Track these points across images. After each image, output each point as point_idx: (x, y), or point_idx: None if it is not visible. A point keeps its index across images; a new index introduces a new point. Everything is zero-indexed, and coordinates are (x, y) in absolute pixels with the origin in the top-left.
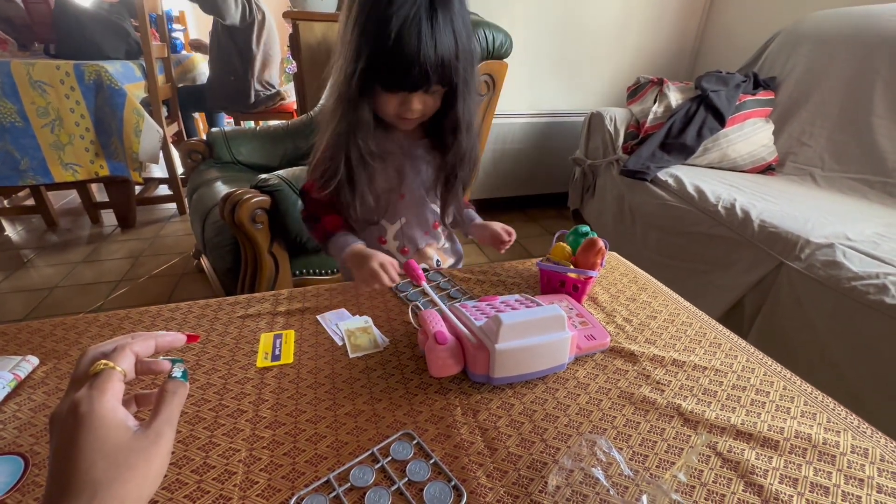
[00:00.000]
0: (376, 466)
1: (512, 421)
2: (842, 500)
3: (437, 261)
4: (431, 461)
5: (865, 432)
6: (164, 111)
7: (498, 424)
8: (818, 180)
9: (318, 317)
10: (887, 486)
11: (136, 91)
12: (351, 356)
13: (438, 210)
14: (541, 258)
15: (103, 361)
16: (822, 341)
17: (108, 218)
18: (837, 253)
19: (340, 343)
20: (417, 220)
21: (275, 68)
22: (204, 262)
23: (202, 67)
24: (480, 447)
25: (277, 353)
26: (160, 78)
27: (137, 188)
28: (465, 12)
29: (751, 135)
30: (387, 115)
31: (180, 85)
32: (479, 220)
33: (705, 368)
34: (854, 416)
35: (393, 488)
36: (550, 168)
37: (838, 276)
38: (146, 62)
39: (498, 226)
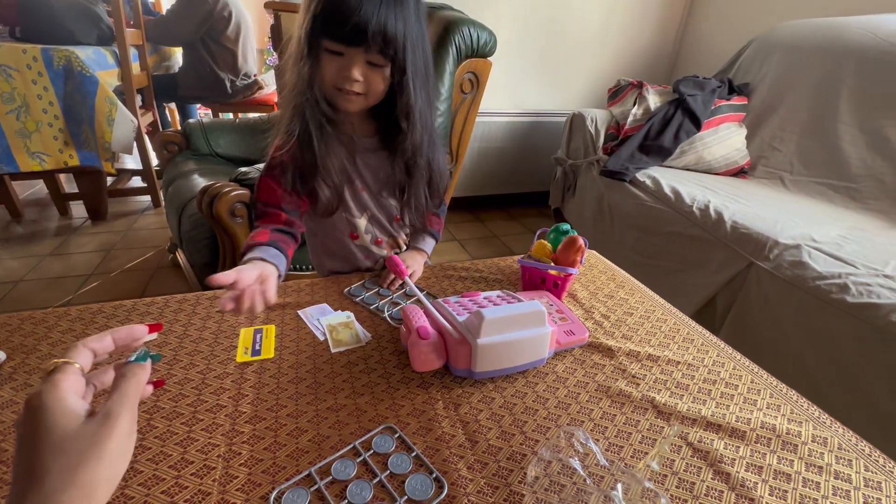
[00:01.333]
0: (358, 460)
1: (493, 414)
2: (802, 486)
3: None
4: (413, 454)
5: (825, 423)
6: (138, 100)
7: (479, 418)
8: (787, 184)
9: (299, 312)
10: (843, 473)
11: (108, 78)
12: (333, 351)
13: (397, 207)
14: (522, 255)
15: (58, 360)
16: (787, 337)
17: (78, 210)
18: (803, 254)
19: (322, 338)
20: (381, 213)
21: (251, 59)
22: (180, 256)
23: (178, 56)
24: (461, 440)
25: (258, 347)
26: (135, 66)
27: (109, 179)
28: (420, 13)
29: (725, 138)
30: (328, 84)
31: (154, 73)
32: (420, 246)
33: (678, 363)
34: (815, 407)
35: (375, 481)
36: (532, 167)
37: (804, 276)
38: (119, 49)
39: (408, 264)
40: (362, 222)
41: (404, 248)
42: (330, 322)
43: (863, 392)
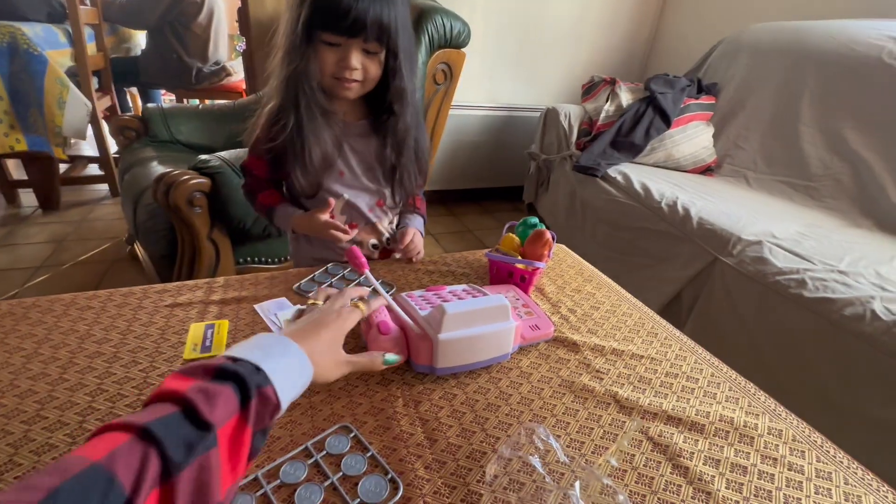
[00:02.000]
0: (309, 462)
1: (454, 411)
2: (757, 478)
3: (388, 239)
4: (368, 454)
5: (780, 415)
6: (94, 83)
7: (439, 415)
8: (751, 182)
9: (255, 306)
10: (796, 464)
11: (59, 58)
12: None
13: (383, 189)
14: (490, 249)
15: (359, 302)
16: (748, 331)
17: (28, 199)
18: (765, 249)
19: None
20: (360, 197)
21: (222, 46)
22: (138, 248)
23: (139, 38)
24: (420, 439)
25: (208, 343)
26: (90, 46)
27: (63, 166)
28: (406, 4)
29: (693, 136)
30: (326, 75)
31: (113, 56)
32: (414, 226)
33: (642, 357)
34: (772, 399)
35: (326, 483)
36: (506, 162)
37: (764, 271)
38: (73, 27)
39: (410, 237)
40: (339, 204)
41: (385, 234)
42: (287, 317)
43: (817, 384)
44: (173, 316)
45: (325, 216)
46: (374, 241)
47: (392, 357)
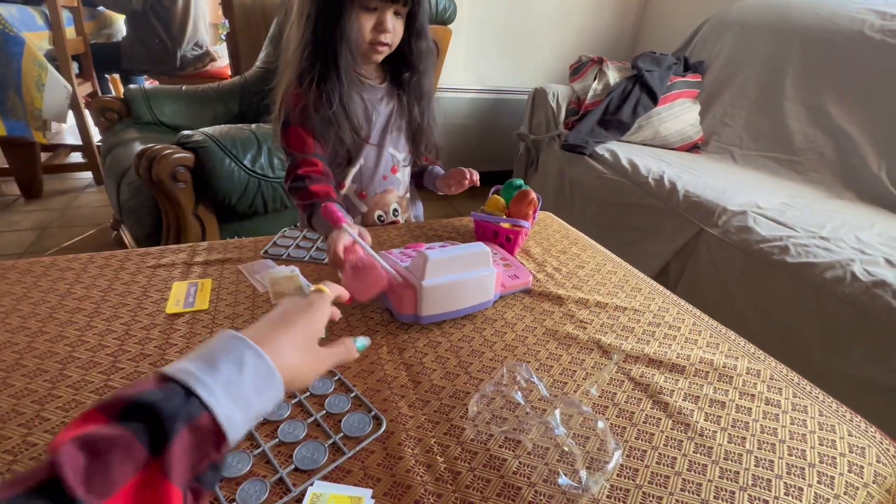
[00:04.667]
0: (293, 402)
1: (438, 357)
2: (735, 412)
3: (396, 209)
4: (352, 395)
5: (759, 358)
6: (74, 68)
7: (423, 361)
8: (737, 158)
9: (240, 266)
10: (773, 399)
11: (37, 41)
12: (273, 302)
13: (397, 154)
14: (476, 210)
15: (321, 285)
16: (733, 299)
17: (9, 187)
18: (749, 219)
19: (263, 290)
20: (375, 164)
21: (202, 26)
22: (124, 233)
23: (119, 24)
24: (404, 381)
25: (191, 300)
26: (69, 30)
27: (44, 154)
28: None
29: (680, 114)
30: (362, 41)
31: (93, 42)
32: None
33: (626, 309)
34: (751, 345)
35: (309, 420)
36: (496, 145)
37: (749, 240)
38: (50, 9)
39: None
40: (351, 172)
41: (392, 205)
42: (273, 276)
43: (799, 346)
44: (156, 276)
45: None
46: (380, 212)
47: (363, 341)
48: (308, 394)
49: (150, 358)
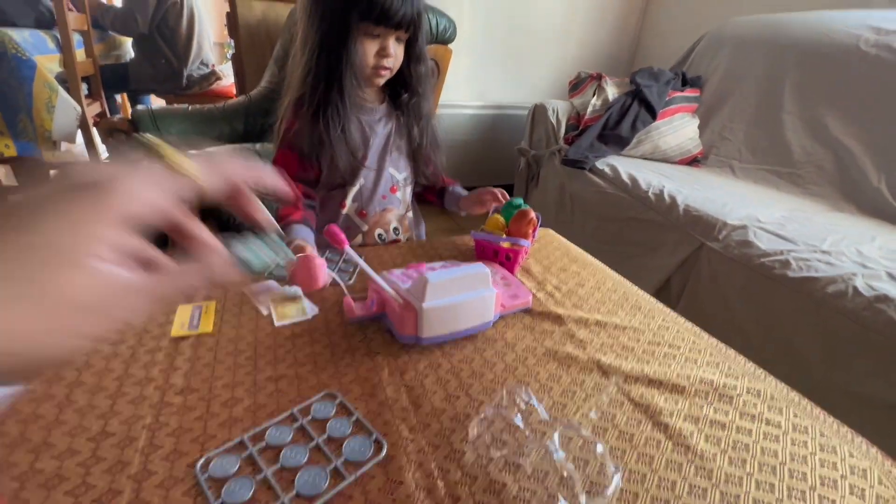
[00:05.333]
0: (295, 426)
1: (439, 379)
2: (735, 433)
3: (396, 228)
4: (353, 418)
5: (760, 377)
6: (84, 88)
7: (424, 382)
8: (736, 171)
9: (243, 288)
10: (774, 420)
11: (48, 64)
12: (277, 325)
13: (397, 174)
14: (476, 229)
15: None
16: (734, 314)
17: None
18: (750, 233)
19: (266, 312)
20: (374, 184)
21: (206, 46)
22: None
23: (129, 45)
24: (405, 403)
25: (196, 322)
26: (79, 52)
27: (54, 172)
28: None
29: (679, 128)
30: (365, 66)
31: (103, 63)
32: (464, 193)
33: (625, 328)
34: (752, 363)
35: (311, 445)
36: (497, 160)
37: (749, 254)
38: (61, 33)
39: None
40: (352, 191)
41: (392, 224)
42: (276, 297)
43: (801, 361)
44: None
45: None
46: (380, 230)
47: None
48: (310, 417)
49: (154, 382)
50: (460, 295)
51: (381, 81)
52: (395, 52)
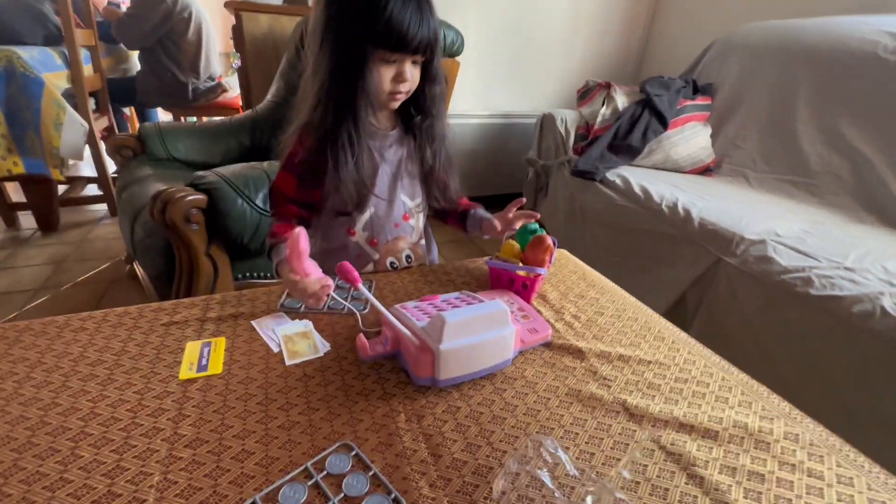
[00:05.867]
0: (310, 482)
1: (458, 425)
2: (776, 486)
3: (409, 256)
4: (371, 473)
5: (796, 418)
6: (91, 104)
7: (443, 430)
8: (751, 181)
9: (253, 322)
10: (816, 470)
11: (56, 81)
12: (288, 363)
13: (409, 202)
14: (490, 256)
15: None
16: (756, 332)
17: (27, 221)
18: (769, 248)
19: (277, 350)
20: (386, 212)
21: (214, 60)
22: (137, 267)
23: (136, 59)
24: (424, 455)
25: (204, 362)
26: (87, 68)
27: (61, 188)
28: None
29: (691, 137)
30: (381, 92)
31: (110, 76)
32: (487, 215)
33: (650, 362)
34: (786, 403)
35: None
36: (505, 169)
37: (769, 271)
38: (68, 49)
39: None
40: (362, 219)
41: (405, 252)
42: (286, 332)
43: (830, 384)
44: (169, 335)
45: (301, 275)
46: (392, 259)
47: None
48: (325, 472)
49: (162, 433)
50: (479, 335)
51: (397, 105)
52: (412, 76)
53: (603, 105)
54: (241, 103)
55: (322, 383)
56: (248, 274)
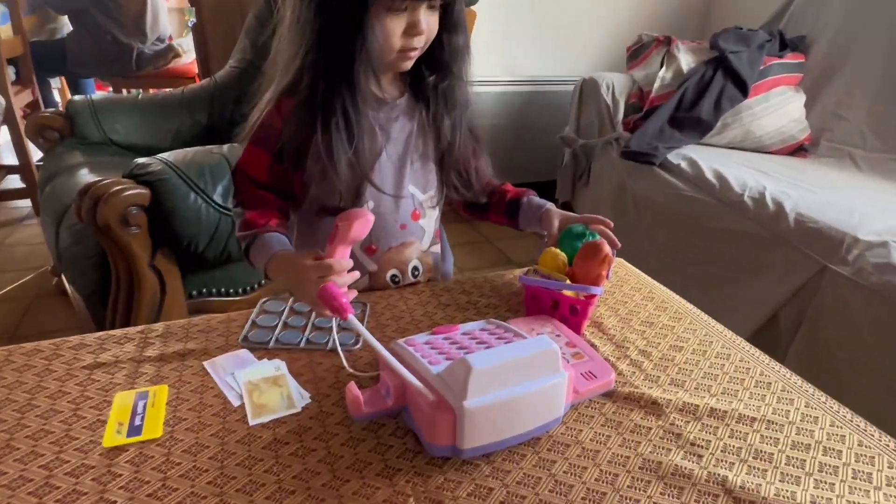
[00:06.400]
0: None
1: None
2: None
3: (416, 267)
4: None
5: None
6: (11, 73)
7: None
8: (859, 163)
9: (205, 363)
10: None
11: None
12: (251, 423)
13: (419, 194)
14: (525, 270)
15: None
16: (876, 360)
17: None
18: (892, 252)
19: (237, 403)
20: (390, 208)
21: (162, 17)
22: (66, 281)
23: (66, 18)
24: None
25: (138, 422)
26: (4, 28)
27: None
28: None
29: (779, 107)
30: (388, 51)
31: (34, 40)
32: (548, 204)
33: (754, 420)
34: None
35: None
36: (533, 150)
37: (894, 282)
38: None
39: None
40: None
41: (412, 261)
42: (250, 378)
43: None
44: (93, 382)
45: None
46: (394, 271)
47: None
48: None
49: None
50: (518, 386)
51: (409, 65)
52: (429, 25)
53: (662, 66)
54: (196, 70)
55: (299, 453)
56: (203, 290)
